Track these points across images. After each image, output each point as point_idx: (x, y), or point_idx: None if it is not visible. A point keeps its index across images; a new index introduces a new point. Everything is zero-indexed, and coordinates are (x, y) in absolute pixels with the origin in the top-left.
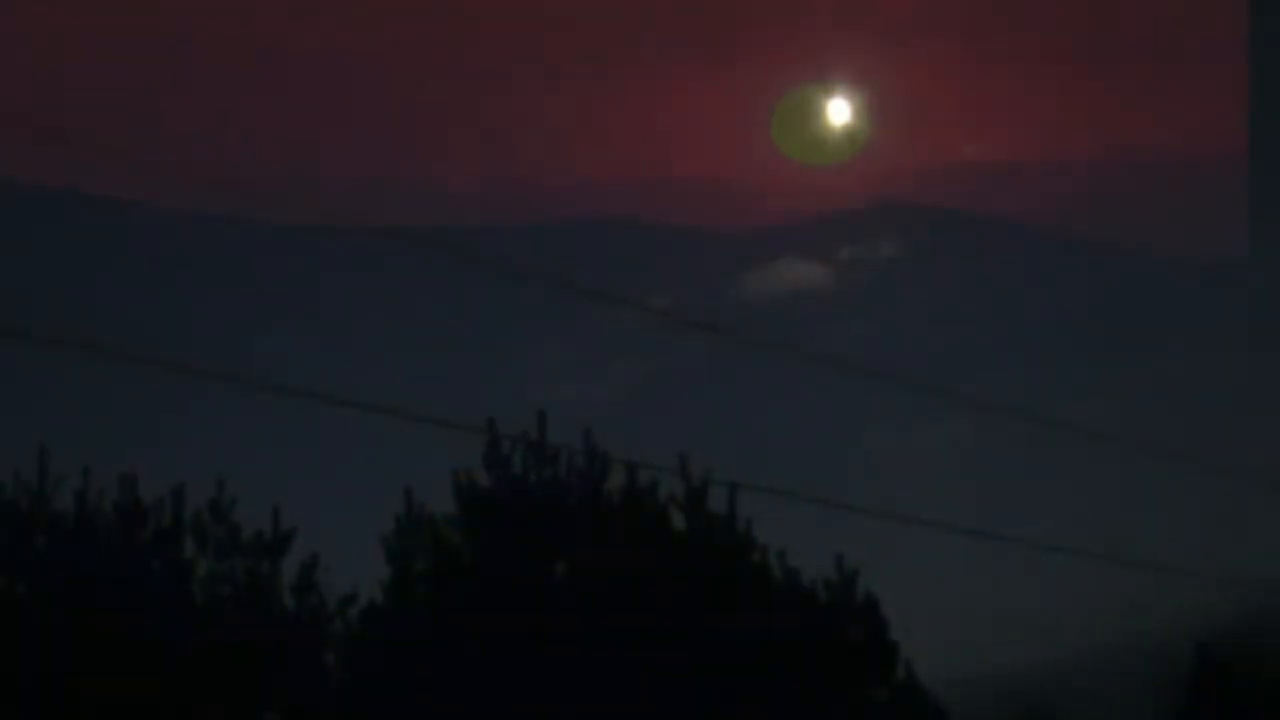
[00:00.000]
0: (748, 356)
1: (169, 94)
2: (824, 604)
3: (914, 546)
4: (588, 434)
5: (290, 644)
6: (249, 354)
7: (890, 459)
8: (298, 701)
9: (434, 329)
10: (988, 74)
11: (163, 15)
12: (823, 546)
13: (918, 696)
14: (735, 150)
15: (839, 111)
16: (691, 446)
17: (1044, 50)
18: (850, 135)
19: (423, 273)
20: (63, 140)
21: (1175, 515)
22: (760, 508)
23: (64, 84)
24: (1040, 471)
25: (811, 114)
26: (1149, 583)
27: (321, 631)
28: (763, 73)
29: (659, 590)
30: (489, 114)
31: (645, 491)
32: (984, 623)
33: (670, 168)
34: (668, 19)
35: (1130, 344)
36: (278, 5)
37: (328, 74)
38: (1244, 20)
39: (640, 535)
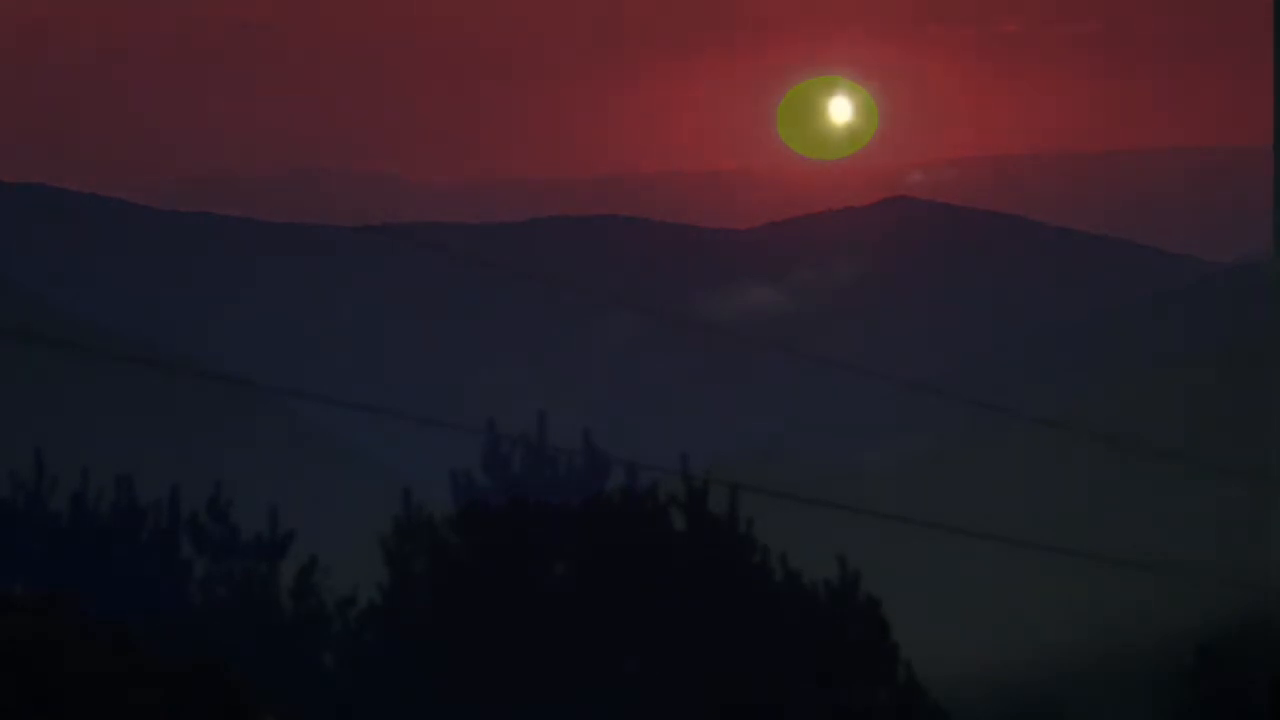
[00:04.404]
0: (749, 356)
1: (165, 87)
2: (825, 605)
3: (914, 548)
4: (587, 435)
5: (289, 645)
6: (247, 354)
7: (890, 459)
8: (298, 701)
9: (432, 329)
10: (996, 70)
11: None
12: (823, 548)
13: (918, 697)
14: (739, 146)
15: (843, 107)
16: (692, 448)
17: (1055, 45)
18: (856, 130)
19: (420, 271)
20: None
21: (1176, 515)
22: (761, 509)
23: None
24: (1040, 472)
25: (817, 109)
26: (1149, 583)
27: (321, 633)
28: (768, 68)
29: (659, 591)
30: (487, 111)
31: (645, 493)
32: (984, 623)
33: (673, 163)
34: (670, 15)
35: (1137, 343)
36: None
37: (326, 72)
38: (1268, 12)
39: (640, 536)
